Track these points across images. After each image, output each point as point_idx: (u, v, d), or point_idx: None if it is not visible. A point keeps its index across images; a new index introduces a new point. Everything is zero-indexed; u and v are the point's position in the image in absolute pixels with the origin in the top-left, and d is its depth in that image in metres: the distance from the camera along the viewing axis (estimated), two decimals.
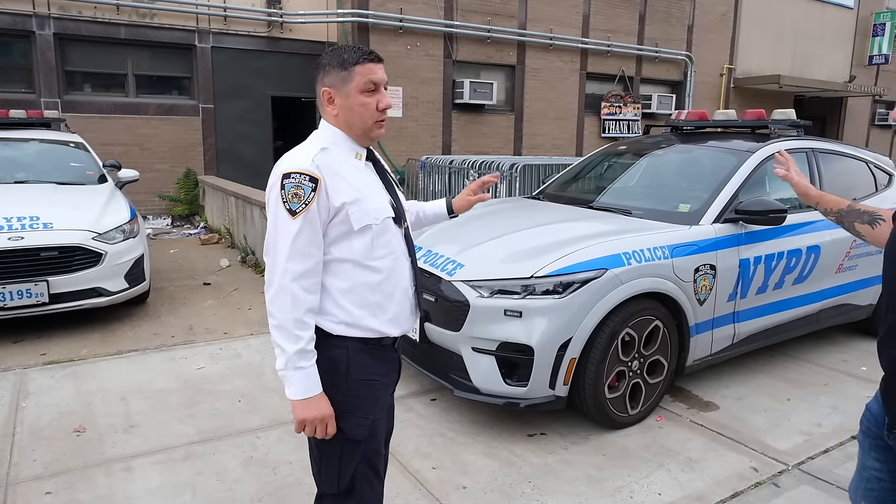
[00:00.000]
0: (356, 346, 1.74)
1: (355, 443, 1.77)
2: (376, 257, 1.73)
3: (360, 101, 1.71)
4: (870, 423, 1.81)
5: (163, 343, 4.63)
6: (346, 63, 1.69)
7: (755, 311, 4.04)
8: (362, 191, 1.71)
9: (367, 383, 1.76)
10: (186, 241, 8.72)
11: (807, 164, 4.50)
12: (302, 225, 1.61)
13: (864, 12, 17.47)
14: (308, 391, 1.65)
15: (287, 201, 1.60)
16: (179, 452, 3.11)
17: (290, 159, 1.67)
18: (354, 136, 1.76)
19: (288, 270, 1.61)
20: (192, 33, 9.79)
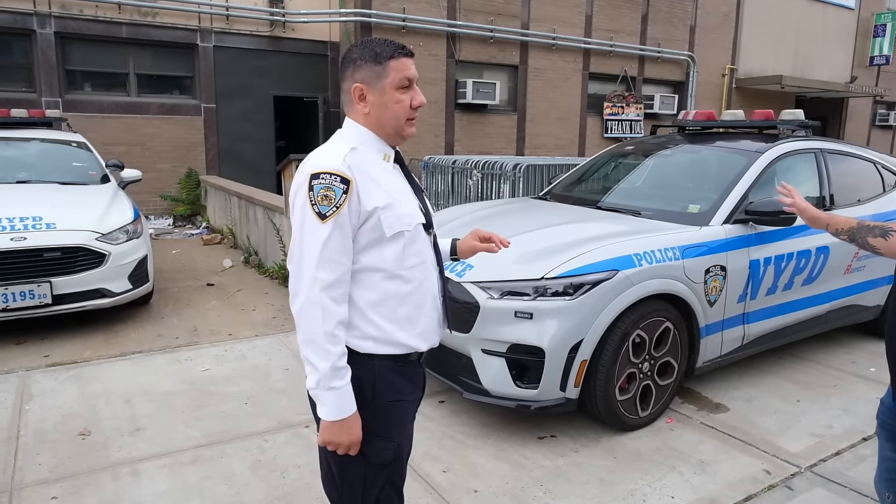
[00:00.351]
0: (384, 365, 1.61)
1: (380, 467, 1.64)
2: (407, 266, 1.61)
3: (394, 98, 1.59)
4: (885, 416, 1.90)
5: (167, 345, 4.60)
6: (381, 57, 1.57)
7: (765, 313, 4.01)
8: (394, 195, 1.59)
9: (395, 405, 1.64)
10: (188, 241, 8.69)
11: (815, 164, 4.48)
12: (332, 230, 1.49)
13: (864, 13, 17.45)
14: (342, 412, 1.53)
15: (316, 204, 1.48)
16: (187, 456, 3.08)
17: (318, 158, 1.54)
18: (385, 136, 1.64)
19: (317, 280, 1.49)
20: (194, 32, 9.76)
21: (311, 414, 3.48)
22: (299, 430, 3.35)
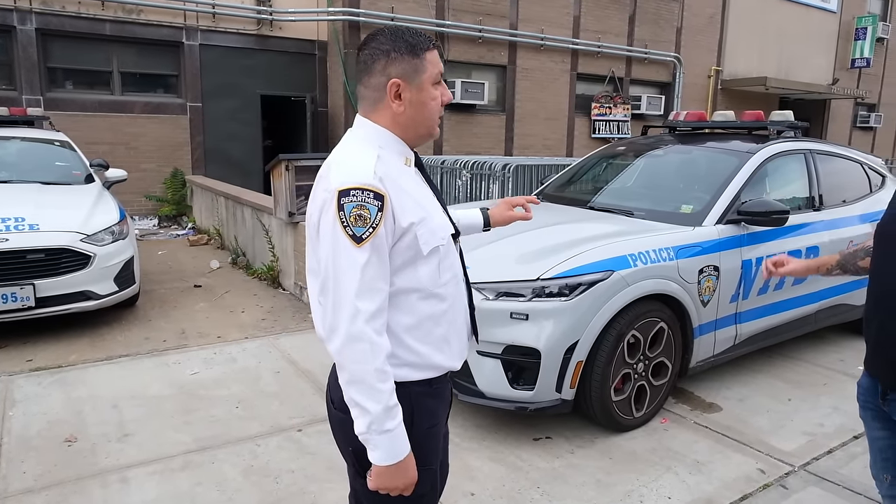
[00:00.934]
0: (420, 391, 1.48)
1: (417, 498, 1.51)
2: (442, 283, 1.47)
3: (431, 95, 1.45)
4: (865, 397, 1.99)
5: (154, 348, 4.52)
6: (418, 49, 1.41)
7: (756, 312, 4.02)
8: (426, 207, 1.44)
9: (431, 431, 1.52)
10: (174, 242, 8.58)
11: (805, 165, 4.51)
12: (370, 254, 1.32)
13: (846, 16, 17.68)
14: (398, 454, 1.38)
15: (349, 225, 1.31)
16: (177, 462, 3.02)
17: (344, 171, 1.36)
18: (413, 137, 1.49)
19: (360, 312, 1.32)
20: (179, 30, 9.64)
21: (303, 418, 3.44)
22: (292, 435, 3.30)
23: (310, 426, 3.40)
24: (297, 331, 4.95)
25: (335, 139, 10.80)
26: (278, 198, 5.75)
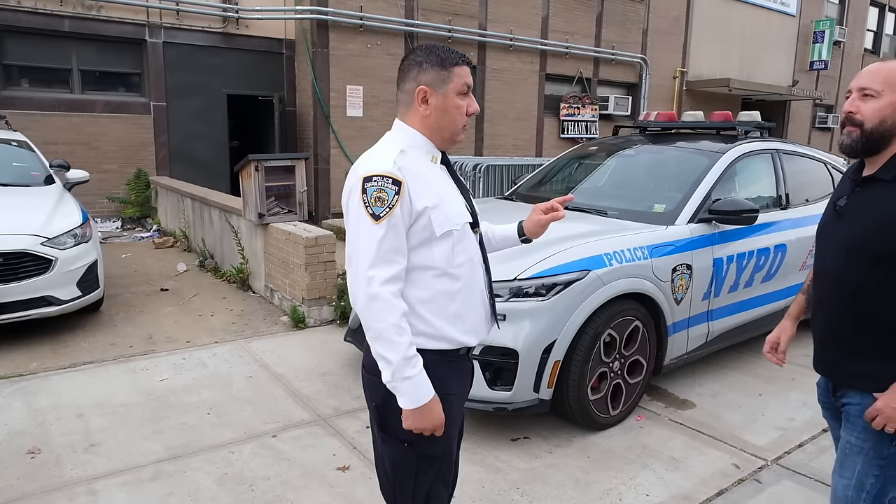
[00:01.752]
0: (434, 360, 1.66)
1: (431, 459, 1.72)
2: (456, 264, 1.68)
3: (455, 104, 1.67)
4: (823, 397, 2.02)
5: (121, 354, 4.38)
6: (446, 63, 1.65)
7: (727, 310, 4.09)
8: (442, 195, 1.66)
9: (444, 398, 1.67)
10: (139, 244, 8.36)
11: (772, 164, 4.60)
12: (387, 230, 1.55)
13: (805, 20, 18.16)
14: (421, 399, 1.59)
15: (370, 206, 1.55)
16: (147, 471, 2.92)
17: (369, 162, 1.60)
18: (439, 139, 1.71)
19: (374, 277, 1.55)
20: (142, 27, 9.39)
21: (277, 424, 3.38)
22: (266, 441, 3.23)
23: (284, 432, 3.34)
24: (268, 334, 4.86)
25: (304, 139, 10.66)
26: (247, 199, 5.64)
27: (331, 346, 4.62)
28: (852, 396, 1.84)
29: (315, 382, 3.98)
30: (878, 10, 21.37)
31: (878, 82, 1.73)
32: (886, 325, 1.74)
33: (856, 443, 1.83)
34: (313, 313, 5.07)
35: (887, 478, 1.79)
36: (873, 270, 1.73)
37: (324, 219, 10.02)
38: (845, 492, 1.85)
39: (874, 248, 1.72)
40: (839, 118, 1.89)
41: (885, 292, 1.73)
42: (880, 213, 1.72)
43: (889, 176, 1.74)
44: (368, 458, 3.09)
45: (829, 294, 1.88)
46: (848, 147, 1.80)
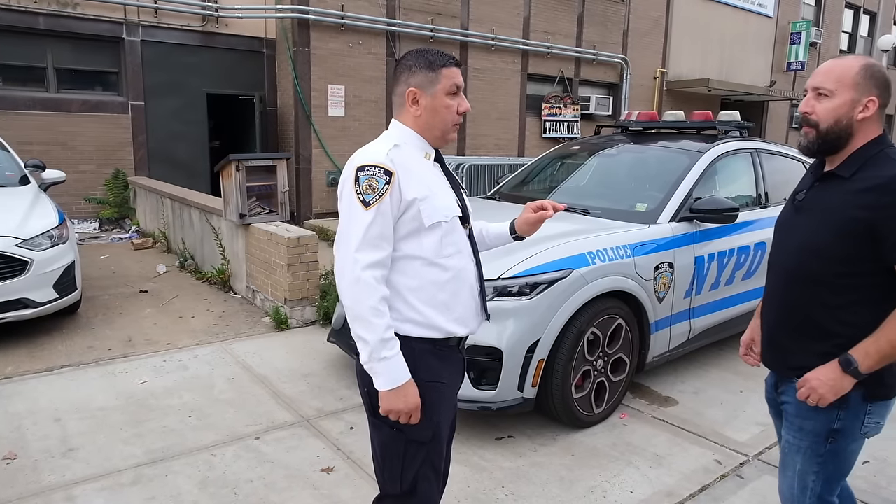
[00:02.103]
0: (422, 347, 1.75)
1: (419, 444, 1.78)
2: (445, 255, 1.75)
3: (444, 103, 1.76)
4: (768, 394, 2.04)
5: (99, 357, 4.31)
6: (434, 65, 1.74)
7: (709, 307, 4.13)
8: (432, 188, 1.74)
9: (432, 385, 1.76)
10: (117, 246, 8.24)
11: (751, 163, 4.65)
12: (375, 216, 1.63)
13: (782, 21, 18.42)
14: (395, 381, 1.66)
15: (361, 193, 1.63)
16: (127, 476, 2.88)
17: (364, 153, 1.70)
18: (431, 137, 1.80)
19: (358, 260, 1.63)
20: (119, 25, 9.25)
21: (260, 426, 3.35)
22: (249, 443, 3.20)
23: (267, 433, 3.31)
24: (250, 336, 4.81)
25: (285, 139, 10.58)
26: (228, 199, 5.58)
27: (314, 347, 4.58)
28: (789, 395, 1.85)
29: (298, 384, 3.95)
30: (853, 13, 21.75)
31: (832, 81, 1.72)
32: (833, 321, 1.74)
33: (794, 442, 1.84)
34: (296, 314, 5.04)
35: (828, 474, 1.81)
36: (824, 266, 1.73)
37: (306, 219, 9.95)
38: (791, 491, 1.87)
39: (826, 243, 1.72)
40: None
41: (835, 288, 1.72)
42: (835, 209, 1.71)
43: (848, 173, 1.73)
44: (353, 459, 3.08)
45: (780, 288, 1.87)
46: (805, 148, 1.80)
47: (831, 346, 1.72)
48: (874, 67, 1.71)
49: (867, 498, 2.86)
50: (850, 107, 1.70)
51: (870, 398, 1.73)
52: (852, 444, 1.79)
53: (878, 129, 1.74)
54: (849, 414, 1.74)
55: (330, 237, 8.18)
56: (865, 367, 1.66)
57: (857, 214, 1.65)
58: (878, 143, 1.73)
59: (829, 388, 1.70)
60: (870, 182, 1.65)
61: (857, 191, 1.67)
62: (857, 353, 1.67)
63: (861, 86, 1.70)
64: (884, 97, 1.71)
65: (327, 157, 10.35)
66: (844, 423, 1.75)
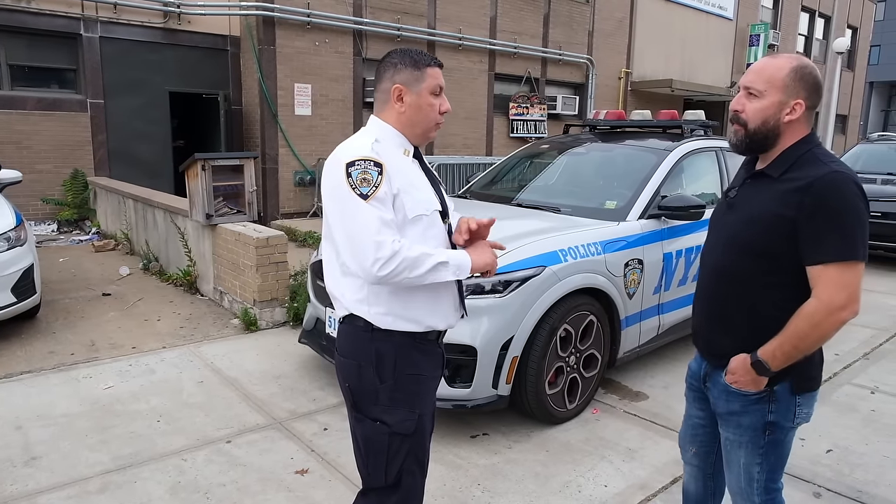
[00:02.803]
0: (403, 341, 1.77)
1: (402, 437, 1.79)
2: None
3: (428, 102, 1.79)
4: (692, 379, 2.09)
5: (61, 362, 4.18)
6: (419, 64, 1.77)
7: (677, 303, 4.21)
8: (413, 181, 1.76)
9: (414, 377, 1.79)
10: (77, 248, 8.00)
11: (716, 161, 4.75)
12: (377, 206, 1.64)
13: (741, 24, 18.90)
14: (465, 257, 1.75)
15: (356, 187, 1.63)
16: (94, 484, 2.80)
17: (348, 150, 1.69)
18: (412, 135, 1.81)
19: (383, 242, 1.62)
20: (76, 21, 8.98)
21: (231, 429, 3.29)
22: (221, 447, 3.14)
23: (239, 437, 3.25)
24: (219, 338, 4.73)
25: (251, 138, 10.42)
26: (194, 199, 5.47)
27: (284, 348, 4.53)
28: (719, 394, 1.89)
29: (270, 385, 3.89)
30: (809, 16, 22.44)
31: (762, 82, 1.73)
32: (757, 315, 1.78)
33: (734, 438, 1.89)
34: (265, 315, 4.97)
35: (771, 464, 1.87)
36: (750, 262, 1.76)
37: (273, 219, 9.82)
38: (739, 485, 1.93)
39: (751, 239, 1.75)
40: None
41: (760, 284, 1.76)
42: (763, 208, 1.74)
43: (776, 173, 1.75)
44: (327, 461, 3.05)
45: (709, 282, 1.92)
46: (734, 146, 1.83)
47: (756, 338, 1.77)
48: (805, 69, 1.72)
49: (831, 485, 2.95)
50: (778, 108, 1.72)
51: (797, 391, 1.80)
52: (788, 434, 1.86)
53: (805, 130, 1.77)
54: (780, 407, 1.80)
55: (298, 237, 8.09)
56: (775, 367, 1.73)
57: (783, 213, 1.69)
58: (807, 142, 1.76)
59: (750, 382, 1.78)
60: (797, 183, 1.68)
61: (784, 190, 1.70)
62: (766, 354, 1.73)
63: (790, 88, 1.71)
64: (812, 99, 1.74)
65: (294, 157, 10.24)
66: (777, 415, 1.81)
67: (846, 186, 1.64)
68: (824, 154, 1.75)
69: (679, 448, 2.23)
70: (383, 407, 1.77)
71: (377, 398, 1.78)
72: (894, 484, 2.98)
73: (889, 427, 3.58)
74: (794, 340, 1.69)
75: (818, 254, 1.65)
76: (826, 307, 1.64)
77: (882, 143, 9.79)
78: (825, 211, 1.63)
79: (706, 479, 2.19)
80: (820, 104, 1.81)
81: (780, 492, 1.93)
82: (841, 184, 1.64)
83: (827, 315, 1.65)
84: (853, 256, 1.63)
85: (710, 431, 2.08)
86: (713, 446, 2.11)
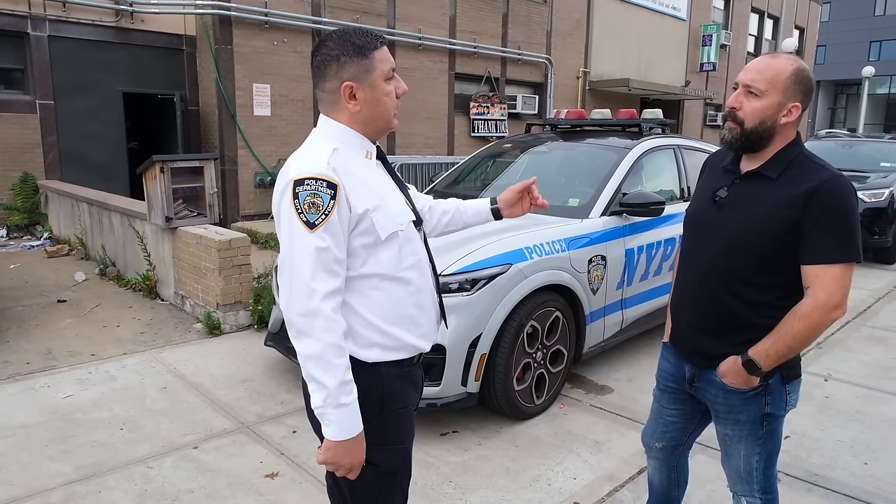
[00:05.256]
0: (391, 373, 1.56)
1: (391, 475, 1.61)
2: (405, 267, 1.56)
3: (384, 91, 1.53)
4: (667, 381, 2.11)
5: (16, 372, 4.05)
6: (365, 49, 1.49)
7: (639, 298, 4.31)
8: (382, 195, 1.53)
9: (402, 412, 1.60)
10: (29, 254, 7.73)
11: (674, 159, 4.88)
12: (323, 239, 1.40)
13: (694, 24, 19.39)
14: (350, 431, 1.44)
15: (303, 212, 1.39)
16: (57, 495, 2.72)
17: (299, 163, 1.44)
18: (372, 132, 1.57)
19: (316, 291, 1.40)
20: (23, 19, 8.67)
21: (198, 434, 3.24)
22: (188, 453, 3.09)
23: (206, 442, 3.20)
24: (181, 343, 4.64)
25: (209, 139, 10.23)
26: (153, 202, 5.35)
27: (250, 351, 4.47)
28: (716, 394, 1.92)
29: (236, 389, 3.84)
30: (759, 17, 23.16)
31: (764, 82, 1.73)
32: (754, 314, 1.81)
33: (733, 434, 1.95)
34: (229, 319, 4.89)
35: (769, 451, 1.95)
36: (749, 263, 1.78)
37: (233, 221, 9.66)
38: (739, 475, 2.00)
39: (757, 241, 1.76)
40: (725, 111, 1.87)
41: (757, 285, 1.79)
42: (765, 209, 1.75)
43: (774, 174, 1.76)
44: (297, 464, 3.03)
45: (698, 284, 1.91)
46: (728, 143, 1.83)
47: (749, 337, 1.80)
48: (804, 73, 1.75)
49: (790, 470, 3.07)
50: (777, 110, 1.74)
51: (786, 381, 1.87)
52: (781, 421, 1.94)
53: (794, 132, 1.81)
54: (774, 398, 1.87)
55: (260, 240, 7.98)
56: (767, 367, 1.77)
57: (787, 214, 1.71)
58: (797, 144, 1.80)
59: (742, 382, 1.83)
60: (803, 185, 1.71)
61: (787, 192, 1.72)
62: (758, 354, 1.77)
63: (790, 90, 1.73)
64: (806, 103, 1.78)
65: (254, 158, 10.09)
66: (771, 406, 1.88)
67: (848, 191, 1.69)
68: (815, 156, 1.79)
69: (642, 443, 2.28)
70: (370, 448, 1.52)
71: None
72: (848, 467, 3.12)
73: (842, 413, 3.74)
74: (787, 340, 1.73)
75: (823, 254, 1.68)
76: (823, 306, 1.68)
77: (830, 140, 10.17)
78: (831, 213, 1.67)
79: (670, 470, 2.26)
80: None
81: (776, 476, 2.00)
82: (844, 188, 1.69)
83: (824, 314, 1.69)
84: (854, 258, 1.69)
85: (682, 428, 2.14)
86: (681, 441, 2.18)
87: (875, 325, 5.51)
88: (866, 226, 7.91)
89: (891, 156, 9.16)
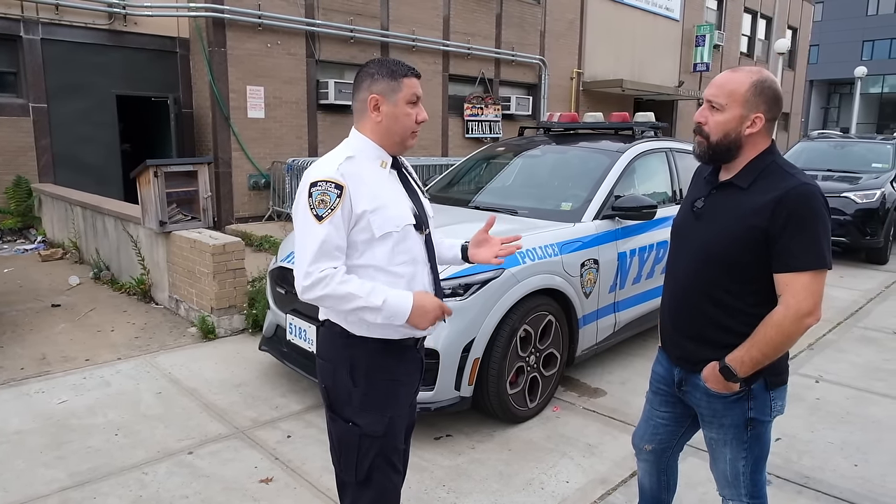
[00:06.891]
0: (376, 347, 1.84)
1: (372, 438, 1.85)
2: (397, 263, 1.81)
3: (405, 111, 1.82)
4: (659, 384, 2.15)
5: (10, 377, 4.05)
6: (396, 74, 1.80)
7: (632, 301, 4.34)
8: (383, 198, 1.79)
9: (385, 382, 1.86)
10: (22, 258, 7.71)
11: (666, 162, 4.91)
12: (328, 230, 1.71)
13: (688, 25, 19.46)
14: (405, 308, 1.75)
15: (314, 208, 1.71)
16: (52, 501, 2.73)
17: (317, 169, 1.76)
18: (390, 144, 1.85)
19: (311, 272, 1.71)
20: (16, 22, 8.65)
21: (192, 440, 3.26)
22: (182, 458, 3.10)
23: (201, 447, 3.22)
24: (176, 347, 4.65)
25: (203, 142, 10.23)
26: (147, 206, 5.36)
27: (244, 356, 4.48)
28: (699, 398, 1.97)
29: (230, 394, 3.85)
30: (752, 17, 23.25)
31: (724, 96, 1.78)
32: (731, 321, 1.85)
33: (718, 437, 1.99)
34: (223, 323, 4.90)
35: (755, 456, 1.97)
36: (727, 271, 1.83)
37: (228, 224, 9.66)
38: (726, 479, 2.03)
39: (729, 250, 1.81)
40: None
41: (732, 293, 1.83)
42: (736, 218, 1.80)
43: (745, 184, 1.81)
44: (291, 468, 3.05)
45: (677, 292, 1.98)
46: (698, 156, 1.91)
47: (730, 342, 1.84)
48: (765, 83, 1.79)
49: (781, 472, 3.10)
50: (739, 122, 1.79)
51: (771, 387, 1.90)
52: (767, 427, 1.96)
53: (767, 142, 1.85)
54: (757, 403, 1.90)
55: (254, 242, 7.99)
56: (743, 373, 1.81)
57: (755, 223, 1.75)
58: (770, 153, 1.84)
59: (722, 388, 1.87)
60: (769, 194, 1.75)
61: (756, 201, 1.77)
62: (734, 361, 1.81)
63: (750, 102, 1.78)
64: (772, 112, 1.81)
65: (248, 160, 10.09)
66: (755, 411, 1.90)
67: (815, 198, 1.72)
68: (787, 164, 1.82)
69: (632, 445, 2.31)
70: (355, 409, 1.84)
71: (350, 400, 1.85)
72: (838, 469, 3.15)
73: (832, 415, 3.77)
74: (761, 347, 1.77)
75: (790, 262, 1.72)
76: (794, 313, 1.72)
77: (822, 141, 10.23)
78: (796, 221, 1.71)
79: (660, 473, 2.29)
80: (780, 114, 1.87)
81: (764, 481, 2.03)
82: (810, 196, 1.72)
83: (795, 321, 1.73)
84: (823, 265, 1.72)
85: (672, 431, 2.17)
86: (671, 443, 2.21)
87: (867, 325, 5.55)
88: (858, 226, 7.97)
89: (882, 156, 9.22)
